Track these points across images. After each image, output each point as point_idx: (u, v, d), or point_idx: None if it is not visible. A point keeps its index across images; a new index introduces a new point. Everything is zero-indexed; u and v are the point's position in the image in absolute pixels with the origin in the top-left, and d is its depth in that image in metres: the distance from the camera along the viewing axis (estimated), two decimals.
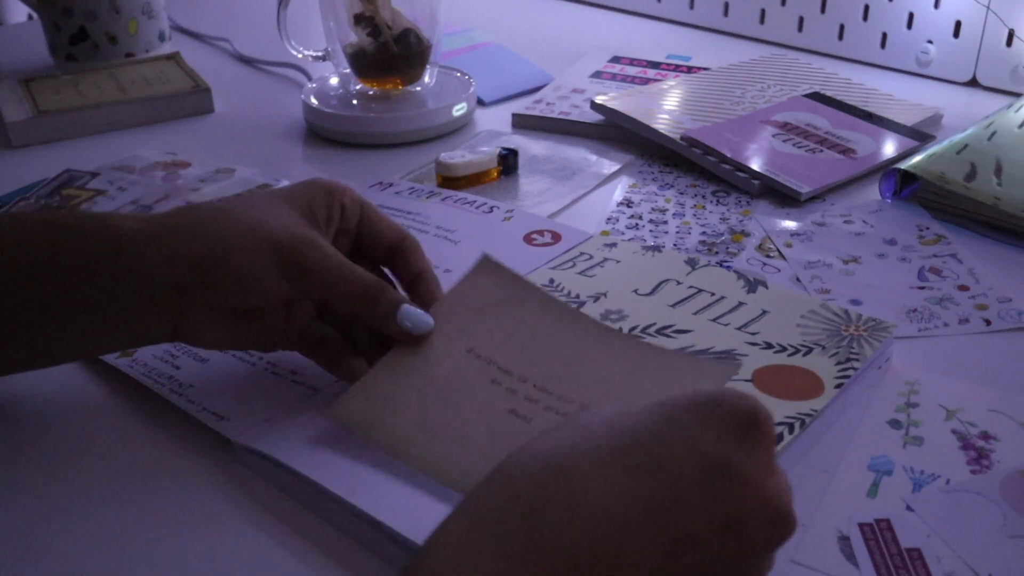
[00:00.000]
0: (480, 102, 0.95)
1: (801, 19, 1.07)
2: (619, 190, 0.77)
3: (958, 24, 0.96)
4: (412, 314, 0.48)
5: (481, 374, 0.48)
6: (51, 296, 0.46)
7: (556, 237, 0.67)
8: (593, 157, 0.83)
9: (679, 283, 0.60)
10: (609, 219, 0.73)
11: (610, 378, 0.48)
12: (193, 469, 0.48)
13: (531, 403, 0.47)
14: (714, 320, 0.56)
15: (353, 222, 0.51)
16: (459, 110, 0.88)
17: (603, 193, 0.77)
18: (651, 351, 0.49)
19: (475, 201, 0.72)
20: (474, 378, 0.48)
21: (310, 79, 0.98)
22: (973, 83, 0.97)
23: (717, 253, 0.68)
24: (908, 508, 0.44)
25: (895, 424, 0.50)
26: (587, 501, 0.32)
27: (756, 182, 0.76)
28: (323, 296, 0.49)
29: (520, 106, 0.92)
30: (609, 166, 0.81)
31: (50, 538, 0.44)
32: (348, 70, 0.90)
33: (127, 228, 0.46)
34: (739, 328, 0.55)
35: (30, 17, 1.43)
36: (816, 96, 0.89)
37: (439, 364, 0.49)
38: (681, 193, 0.77)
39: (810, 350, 0.53)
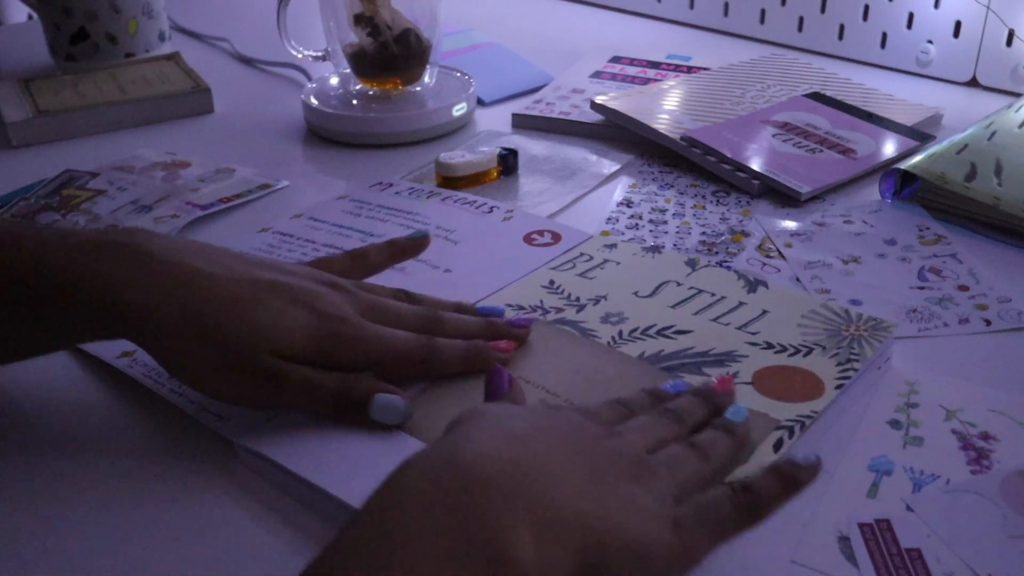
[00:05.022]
0: (480, 102, 0.95)
1: (801, 19, 1.07)
2: (619, 190, 0.77)
3: (958, 24, 0.96)
4: (383, 406, 0.48)
5: (529, 395, 0.50)
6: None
7: (556, 237, 0.67)
8: (593, 157, 0.83)
9: (679, 284, 0.60)
10: (609, 219, 0.73)
11: None
12: (193, 469, 0.48)
13: None
14: (714, 320, 0.56)
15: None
16: (459, 110, 0.88)
17: (603, 193, 0.77)
18: None
19: (475, 201, 0.72)
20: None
21: (310, 79, 0.98)
22: (973, 83, 0.97)
23: (717, 253, 0.68)
24: (908, 508, 0.44)
25: (895, 424, 0.50)
26: (510, 429, 0.38)
27: (756, 182, 0.76)
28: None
29: (520, 106, 0.92)
30: (609, 166, 0.81)
31: (50, 538, 0.44)
32: (348, 70, 0.90)
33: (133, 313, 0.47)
34: (739, 328, 0.55)
35: (30, 17, 1.43)
36: (816, 96, 0.89)
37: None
38: (681, 193, 0.77)
39: (810, 350, 0.53)
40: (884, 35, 1.01)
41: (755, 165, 0.77)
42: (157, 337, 0.47)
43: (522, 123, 0.90)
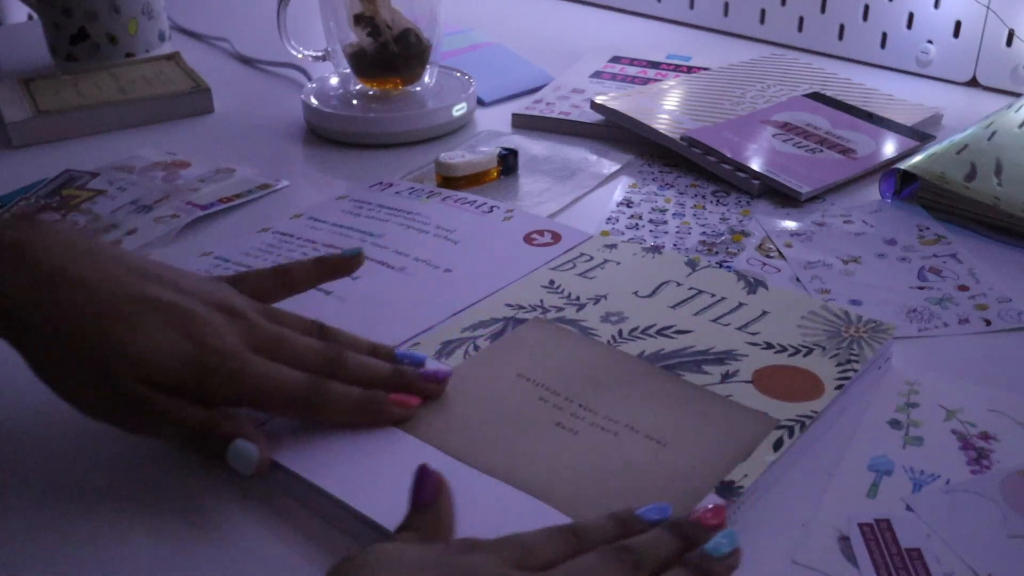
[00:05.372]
0: (480, 102, 0.95)
1: (801, 19, 1.07)
2: (619, 190, 0.77)
3: (958, 24, 0.96)
4: (237, 453, 0.45)
5: (529, 393, 0.50)
6: None
7: (556, 237, 0.67)
8: (593, 157, 0.83)
9: (679, 284, 0.60)
10: (609, 219, 0.73)
11: (650, 406, 0.49)
12: (194, 470, 0.48)
13: (577, 419, 0.48)
14: (714, 321, 0.56)
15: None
16: (459, 110, 0.88)
17: (603, 193, 0.77)
18: (688, 387, 0.50)
19: (475, 201, 0.72)
20: (522, 395, 0.50)
21: (310, 79, 0.98)
22: (973, 83, 0.97)
23: (717, 253, 0.68)
24: (908, 508, 0.44)
25: (895, 424, 0.50)
26: None
27: (756, 182, 0.76)
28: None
29: (520, 106, 0.92)
30: (609, 166, 0.81)
31: (49, 538, 0.44)
32: (348, 70, 0.90)
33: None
34: (739, 328, 0.55)
35: (30, 17, 1.43)
36: (816, 96, 0.89)
37: (489, 384, 0.51)
38: (681, 193, 0.77)
39: (810, 351, 0.53)
40: (884, 35, 1.01)
41: (755, 165, 0.77)
42: (25, 341, 0.45)
43: (522, 123, 0.90)
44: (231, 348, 0.46)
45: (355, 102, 0.90)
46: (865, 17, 1.02)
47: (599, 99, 0.88)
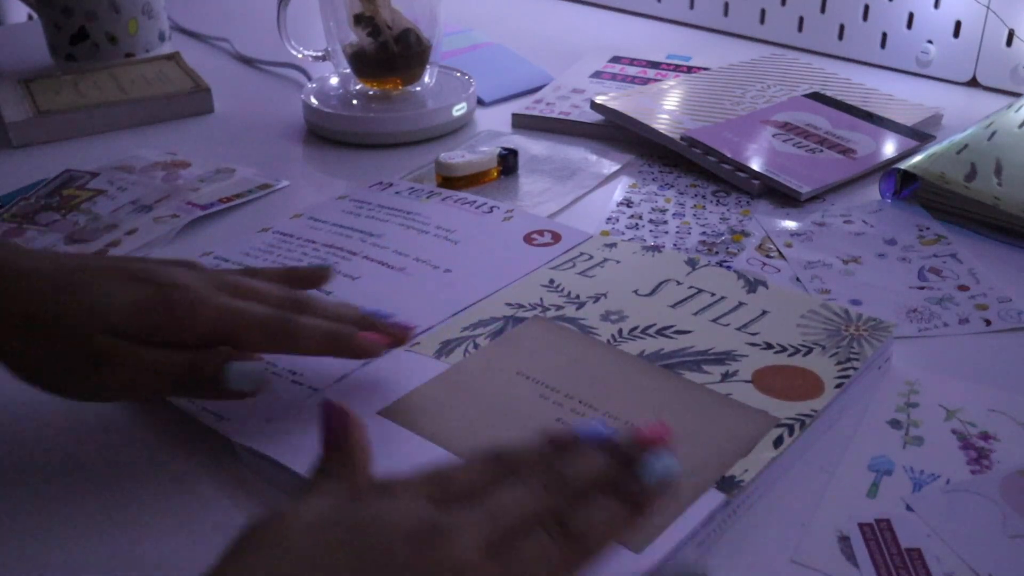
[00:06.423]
0: (480, 102, 0.95)
1: (801, 19, 1.07)
2: (619, 190, 0.77)
3: (958, 24, 0.96)
4: (240, 372, 0.45)
5: (529, 390, 0.50)
6: None
7: (556, 237, 0.67)
8: (593, 157, 0.83)
9: (679, 283, 0.60)
10: (609, 219, 0.73)
11: (650, 405, 0.49)
12: (193, 469, 0.48)
13: (577, 416, 0.48)
14: (714, 320, 0.56)
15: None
16: (459, 110, 0.88)
17: (603, 193, 0.77)
18: (689, 385, 0.50)
19: (475, 201, 0.72)
20: (523, 393, 0.50)
21: (310, 79, 0.98)
22: (973, 83, 0.97)
23: (717, 253, 0.68)
24: (908, 508, 0.44)
25: (895, 424, 0.50)
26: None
27: (756, 182, 0.76)
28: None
29: (520, 106, 0.92)
30: (609, 166, 0.81)
31: (48, 538, 0.44)
32: (348, 70, 0.90)
33: None
34: (739, 328, 0.55)
35: (30, 17, 1.43)
36: (816, 96, 0.89)
37: (489, 381, 0.51)
38: (681, 193, 0.77)
39: (810, 350, 0.53)
40: (884, 35, 1.01)
41: (755, 165, 0.77)
42: None
43: (522, 123, 0.90)
44: (190, 284, 0.46)
45: (355, 102, 0.90)
46: (865, 17, 1.02)
47: (599, 99, 0.88)
